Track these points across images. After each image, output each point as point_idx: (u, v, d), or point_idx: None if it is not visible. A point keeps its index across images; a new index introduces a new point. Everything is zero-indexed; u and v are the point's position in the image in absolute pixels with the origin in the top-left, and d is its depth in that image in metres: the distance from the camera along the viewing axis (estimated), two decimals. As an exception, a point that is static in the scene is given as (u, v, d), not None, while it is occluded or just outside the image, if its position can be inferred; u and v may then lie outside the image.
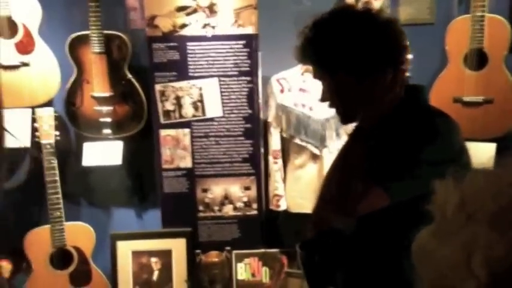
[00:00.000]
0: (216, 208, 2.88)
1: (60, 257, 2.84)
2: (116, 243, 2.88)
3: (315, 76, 1.52)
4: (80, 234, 2.87)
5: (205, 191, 2.87)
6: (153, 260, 2.90)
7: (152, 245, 2.90)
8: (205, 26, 2.71)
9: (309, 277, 1.52)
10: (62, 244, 2.82)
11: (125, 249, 2.89)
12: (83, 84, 2.82)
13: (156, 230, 2.94)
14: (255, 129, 2.80)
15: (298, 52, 1.51)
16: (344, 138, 2.68)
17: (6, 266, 2.84)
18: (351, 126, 2.62)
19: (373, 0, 2.81)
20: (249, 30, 2.70)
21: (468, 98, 2.64)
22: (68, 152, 3.02)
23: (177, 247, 2.88)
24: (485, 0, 2.48)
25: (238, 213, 2.88)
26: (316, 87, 2.63)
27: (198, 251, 2.85)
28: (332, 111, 2.60)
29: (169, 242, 2.89)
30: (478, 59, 2.60)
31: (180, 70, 2.75)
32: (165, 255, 2.89)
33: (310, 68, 2.65)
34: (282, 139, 2.81)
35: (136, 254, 2.90)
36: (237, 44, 2.72)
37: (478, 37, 2.55)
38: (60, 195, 2.77)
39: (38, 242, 2.83)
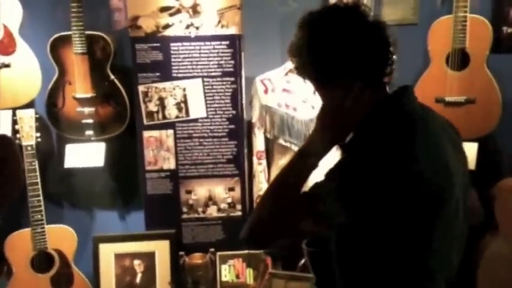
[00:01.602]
0: (200, 209, 2.86)
1: (42, 260, 2.81)
2: (98, 246, 2.85)
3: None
4: (61, 237, 2.83)
5: (189, 192, 2.85)
6: (136, 262, 2.87)
7: (135, 247, 2.87)
8: (188, 26, 2.70)
9: (317, 274, 1.50)
10: (43, 247, 2.78)
11: (108, 252, 2.86)
12: (64, 85, 2.79)
13: (139, 232, 2.91)
14: (239, 130, 2.79)
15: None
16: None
17: (-13, 269, 2.80)
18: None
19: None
20: (233, 30, 2.69)
21: (450, 98, 2.66)
22: (49, 154, 2.99)
23: (161, 249, 2.86)
24: (467, 1, 2.50)
25: (223, 215, 2.87)
26: (300, 88, 2.65)
27: (181, 252, 2.82)
28: (316, 112, 2.63)
29: (152, 244, 2.86)
30: (460, 59, 2.62)
31: (164, 71, 2.74)
32: (149, 258, 2.87)
33: (293, 68, 2.66)
34: (266, 140, 2.80)
35: (119, 257, 2.87)
36: (221, 44, 2.71)
37: (460, 37, 2.56)
38: (41, 198, 2.74)
39: (19, 245, 2.79)
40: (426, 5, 2.78)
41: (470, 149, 2.59)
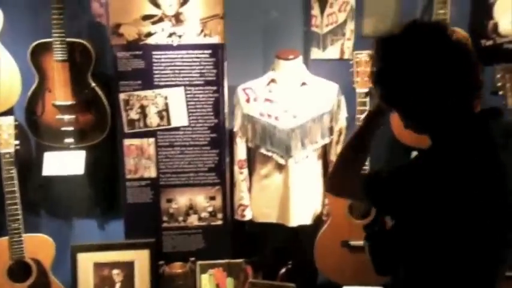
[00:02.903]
0: (181, 218, 2.85)
1: (19, 270, 2.76)
2: (77, 255, 2.82)
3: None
4: (39, 246, 2.79)
5: (169, 201, 2.84)
6: (115, 272, 2.84)
7: (114, 257, 2.84)
8: (171, 35, 2.70)
9: (377, 268, 1.51)
10: (21, 256, 2.74)
11: (86, 261, 2.83)
12: (44, 92, 2.77)
13: (118, 241, 2.88)
14: (221, 138, 2.79)
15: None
16: (309, 148, 2.70)
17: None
18: (319, 139, 2.69)
19: (337, 12, 2.86)
20: (216, 40, 2.70)
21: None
22: (28, 162, 2.95)
23: (140, 258, 2.83)
24: (446, 14, 2.54)
25: (203, 224, 2.86)
26: (282, 97, 2.66)
27: (161, 262, 2.81)
28: (297, 121, 2.65)
29: (132, 253, 2.84)
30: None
31: (145, 79, 2.73)
32: (127, 267, 2.84)
33: (276, 78, 2.68)
34: (248, 149, 2.81)
35: (97, 266, 2.84)
36: (203, 53, 2.72)
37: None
38: (19, 206, 2.69)
39: (-4, 254, 2.74)
40: (406, 17, 2.81)
41: None
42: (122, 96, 2.74)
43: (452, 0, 2.53)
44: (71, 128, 2.77)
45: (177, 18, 2.70)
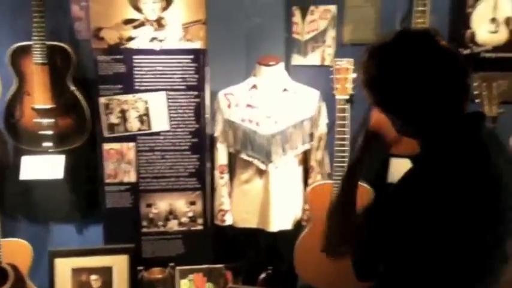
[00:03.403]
0: (161, 223, 2.84)
1: (-5, 275, 2.72)
2: (54, 261, 2.79)
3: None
4: (16, 251, 2.75)
5: (149, 206, 2.83)
6: (93, 277, 2.82)
7: (92, 262, 2.82)
8: (153, 39, 2.70)
9: (358, 273, 1.52)
10: (-3, 261, 2.70)
11: (64, 267, 2.80)
12: (23, 96, 2.74)
13: (97, 247, 2.86)
14: (202, 143, 2.79)
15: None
16: (290, 154, 2.72)
17: None
18: (300, 145, 2.70)
19: (318, 19, 2.89)
20: (198, 45, 2.71)
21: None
22: (5, 166, 2.92)
23: (119, 264, 2.81)
24: (425, 23, 2.58)
25: (183, 229, 2.85)
26: (263, 103, 2.68)
27: (140, 267, 2.79)
28: (278, 127, 2.66)
29: (110, 258, 2.81)
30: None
31: (126, 83, 2.72)
32: (106, 273, 2.82)
33: (257, 84, 2.69)
34: (229, 154, 2.81)
35: (75, 272, 2.81)
36: (185, 58, 2.72)
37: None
38: (-5, 210, 2.66)
39: (-29, 259, 2.70)
40: (386, 26, 2.86)
41: None
42: (102, 100, 2.72)
43: (431, 9, 2.57)
44: (50, 132, 2.75)
45: (159, 23, 2.69)
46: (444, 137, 1.38)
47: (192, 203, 2.83)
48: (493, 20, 2.63)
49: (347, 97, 2.62)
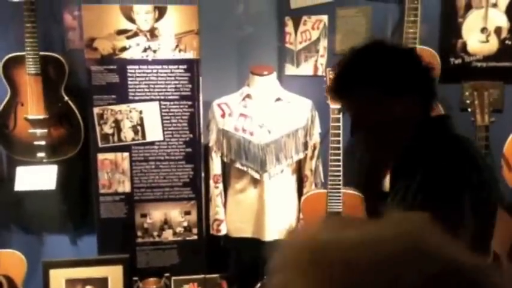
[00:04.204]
0: (155, 233, 2.84)
1: (-11, 287, 2.71)
2: (49, 272, 2.78)
3: (346, 108, 1.55)
4: (10, 262, 2.74)
5: (144, 216, 2.83)
6: (88, 288, 2.81)
7: (87, 273, 2.81)
8: (146, 49, 2.71)
9: None
10: (-9, 273, 2.69)
11: (58, 278, 2.79)
12: (17, 106, 2.74)
13: (91, 257, 2.85)
14: (196, 153, 2.80)
15: (334, 84, 1.52)
16: (284, 163, 2.73)
17: None
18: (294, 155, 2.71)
19: (310, 29, 2.91)
20: (191, 55, 2.72)
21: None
22: (-1, 176, 2.91)
23: (114, 274, 2.81)
24: (416, 33, 2.61)
25: (178, 238, 2.85)
26: (257, 112, 2.69)
27: (135, 278, 2.78)
28: (272, 137, 2.68)
29: (105, 269, 2.81)
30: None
31: (120, 93, 2.72)
32: (101, 283, 2.81)
33: (251, 93, 2.71)
34: (223, 163, 2.82)
35: (70, 283, 2.80)
36: (179, 68, 2.73)
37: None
38: (-11, 222, 2.65)
39: (-35, 271, 2.68)
40: (377, 35, 2.89)
41: None
42: (96, 110, 2.73)
43: (422, 19, 2.60)
44: (43, 142, 2.75)
45: (152, 33, 2.70)
46: (416, 141, 1.47)
47: (187, 213, 2.84)
48: (484, 29, 2.66)
49: (340, 107, 2.64)
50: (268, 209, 2.73)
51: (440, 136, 1.47)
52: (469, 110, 2.49)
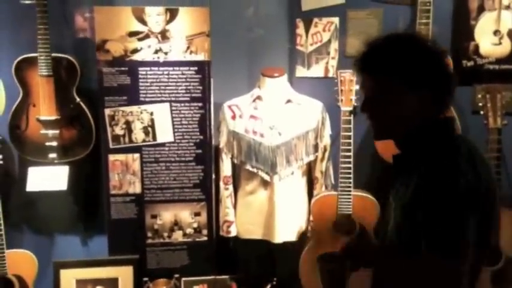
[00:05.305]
0: (166, 234, 2.84)
1: (1, 286, 2.72)
2: (59, 272, 2.80)
3: (364, 83, 1.55)
4: (21, 262, 2.76)
5: (154, 217, 2.83)
6: (98, 288, 2.83)
7: (97, 273, 2.82)
8: (157, 51, 2.71)
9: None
10: (3, 272, 2.70)
11: (69, 278, 2.80)
12: (29, 107, 2.75)
13: (101, 258, 2.86)
14: (206, 155, 2.80)
15: (360, 57, 1.54)
16: (294, 165, 2.73)
17: None
18: (304, 156, 2.71)
19: (321, 31, 2.90)
20: (202, 57, 2.72)
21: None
22: (11, 177, 2.92)
23: (124, 275, 2.82)
24: (428, 35, 2.59)
25: (188, 240, 2.85)
26: (267, 114, 2.69)
27: (145, 278, 2.79)
28: (283, 138, 2.68)
29: (115, 270, 2.82)
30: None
31: (131, 95, 2.73)
32: (111, 284, 2.82)
33: (261, 95, 2.71)
34: (233, 165, 2.82)
35: (80, 283, 2.81)
36: (189, 70, 2.73)
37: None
38: (1, 222, 2.66)
39: (-23, 270, 2.70)
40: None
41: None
42: (107, 111, 2.74)
43: (434, 21, 2.58)
44: (54, 143, 2.77)
45: (163, 35, 2.71)
46: (419, 137, 1.50)
47: (197, 214, 2.84)
48: (496, 32, 2.64)
49: (351, 108, 2.63)
50: (278, 211, 2.73)
51: (441, 137, 1.49)
52: (482, 112, 2.48)
